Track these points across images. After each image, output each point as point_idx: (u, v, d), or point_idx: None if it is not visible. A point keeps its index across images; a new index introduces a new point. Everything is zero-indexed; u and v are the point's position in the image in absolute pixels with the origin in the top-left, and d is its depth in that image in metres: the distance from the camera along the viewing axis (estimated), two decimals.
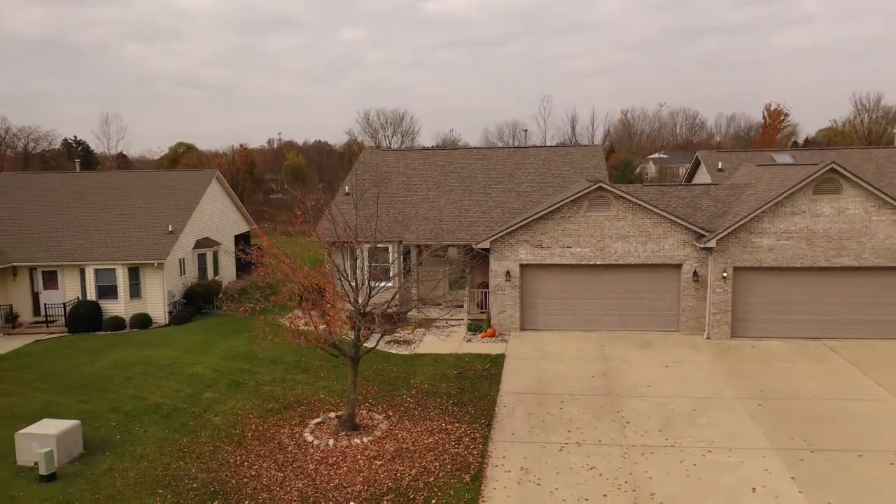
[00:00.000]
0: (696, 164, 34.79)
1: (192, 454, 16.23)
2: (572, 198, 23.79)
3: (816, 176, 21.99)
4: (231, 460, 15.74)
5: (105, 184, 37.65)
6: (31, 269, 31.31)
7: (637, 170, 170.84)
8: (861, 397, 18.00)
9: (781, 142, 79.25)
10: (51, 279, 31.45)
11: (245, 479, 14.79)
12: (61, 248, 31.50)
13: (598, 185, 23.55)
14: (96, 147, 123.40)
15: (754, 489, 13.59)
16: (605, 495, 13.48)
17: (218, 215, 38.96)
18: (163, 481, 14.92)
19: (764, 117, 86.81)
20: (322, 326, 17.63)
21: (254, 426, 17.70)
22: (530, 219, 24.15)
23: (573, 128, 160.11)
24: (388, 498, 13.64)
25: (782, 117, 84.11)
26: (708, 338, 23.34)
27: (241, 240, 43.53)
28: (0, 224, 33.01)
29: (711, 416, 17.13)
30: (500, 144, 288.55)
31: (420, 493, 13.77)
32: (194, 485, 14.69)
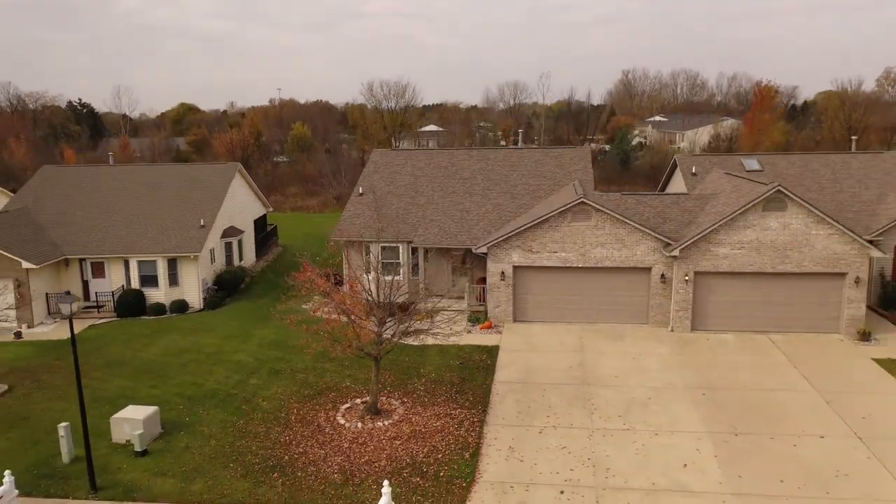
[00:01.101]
0: (674, 167, 38.49)
1: (249, 434, 20.60)
2: (559, 210, 27.72)
3: (765, 196, 25.90)
4: (281, 440, 20.12)
5: (139, 177, 41.45)
6: (81, 260, 35.39)
7: (635, 135, 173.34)
8: (785, 388, 22.31)
9: (771, 119, 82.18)
10: (98, 269, 35.57)
11: (295, 456, 19.16)
12: (107, 241, 35.51)
13: (580, 201, 27.44)
14: (100, 108, 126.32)
15: (685, 465, 17.95)
16: (571, 469, 17.85)
17: (240, 205, 42.77)
18: (231, 456, 19.31)
19: (755, 94, 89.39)
20: (342, 317, 21.57)
21: (295, 410, 22.05)
22: (522, 228, 28.14)
23: (569, 105, 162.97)
24: (406, 471, 18.00)
25: (773, 94, 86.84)
26: (672, 330, 27.59)
27: (259, 222, 47.41)
28: (51, 218, 36.96)
29: (663, 404, 21.47)
30: (500, 105, 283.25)
31: (431, 467, 18.14)
32: (256, 460, 19.08)
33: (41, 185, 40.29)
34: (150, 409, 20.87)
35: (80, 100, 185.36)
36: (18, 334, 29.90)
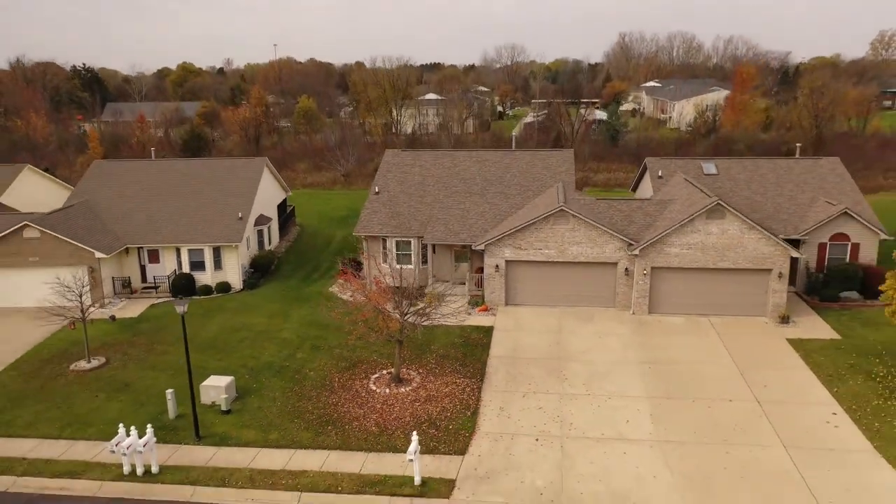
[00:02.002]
0: (644, 170, 44.69)
1: (304, 398, 27.50)
2: (542, 216, 34.22)
3: (708, 207, 32.43)
4: (330, 402, 27.02)
5: (178, 172, 47.61)
6: (139, 249, 41.89)
7: (630, 100, 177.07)
8: (712, 362, 29.23)
9: (752, 99, 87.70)
10: (154, 256, 42.11)
11: (341, 413, 26.08)
12: (160, 232, 41.93)
13: (560, 209, 33.92)
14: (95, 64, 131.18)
15: (627, 421, 24.91)
16: (544, 424, 24.81)
17: (268, 195, 49.02)
18: (294, 414, 26.22)
19: (737, 74, 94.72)
20: (353, 294, 28.31)
21: (337, 379, 28.93)
22: (513, 230, 34.68)
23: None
24: (425, 425, 24.88)
25: (753, 80, 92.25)
26: (633, 313, 34.41)
27: (280, 205, 53.55)
28: (108, 210, 43.26)
29: (617, 375, 28.38)
30: (497, 65, 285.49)
31: (443, 422, 25.06)
32: (313, 416, 25.98)
33: (95, 180, 46.50)
34: (228, 378, 27.72)
35: (84, 64, 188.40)
36: (113, 318, 36.56)
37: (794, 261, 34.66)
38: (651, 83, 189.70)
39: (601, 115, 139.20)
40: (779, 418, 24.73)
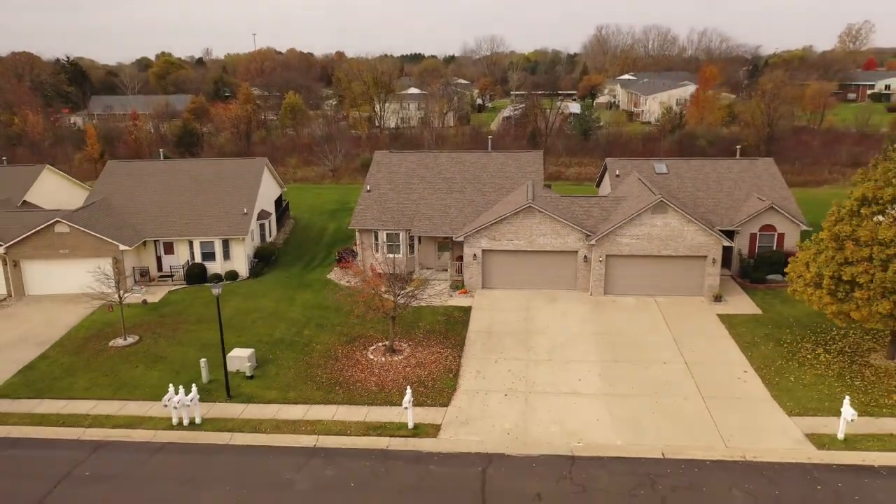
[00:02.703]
0: (605, 170, 50.60)
1: (314, 365, 33.15)
2: (513, 211, 40.03)
3: (652, 204, 38.44)
4: (336, 368, 32.70)
5: (185, 171, 52.70)
6: (155, 241, 47.10)
7: (605, 93, 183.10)
8: (653, 333, 35.31)
9: (714, 97, 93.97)
10: (169, 247, 47.34)
11: (346, 377, 31.78)
12: (174, 226, 47.16)
13: (528, 206, 39.75)
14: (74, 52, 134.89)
15: (580, 380, 30.89)
16: (513, 383, 30.71)
17: (267, 192, 54.26)
18: (307, 378, 31.88)
19: (701, 73, 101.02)
20: (355, 281, 33.96)
21: (340, 350, 34.61)
22: (488, 224, 40.48)
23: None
24: (415, 384, 30.61)
25: (716, 79, 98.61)
26: (591, 294, 40.40)
27: (277, 200, 58.69)
28: (125, 207, 48.35)
29: (575, 344, 34.36)
30: (476, 56, 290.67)
31: (430, 382, 30.85)
32: (323, 380, 31.67)
33: (110, 179, 51.53)
34: (249, 350, 33.29)
35: (67, 58, 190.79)
36: (145, 301, 41.87)
37: (727, 248, 40.89)
38: (627, 76, 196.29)
39: (576, 108, 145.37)
40: (701, 376, 30.85)
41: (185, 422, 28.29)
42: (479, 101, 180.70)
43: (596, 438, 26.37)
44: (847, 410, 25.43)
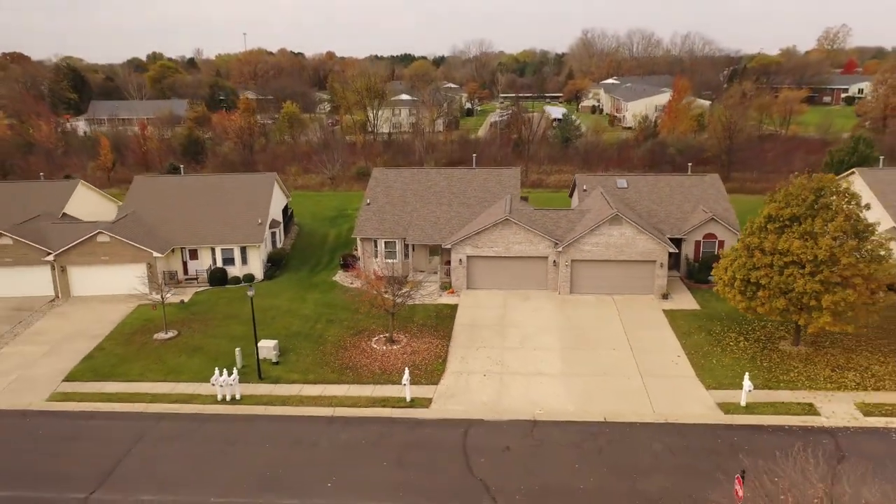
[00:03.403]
0: (575, 184, 58.18)
1: (327, 353, 40.61)
2: (493, 223, 47.58)
3: (609, 217, 46.09)
4: (345, 355, 40.18)
5: (204, 184, 60.06)
6: (182, 248, 54.30)
7: (590, 97, 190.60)
8: (607, 325, 42.97)
9: (686, 108, 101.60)
10: (193, 253, 54.58)
11: (354, 362, 39.27)
12: (199, 235, 54.40)
13: (505, 219, 47.30)
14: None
15: (544, 363, 38.52)
16: (490, 367, 38.29)
17: (276, 203, 61.51)
18: (322, 363, 39.36)
19: (674, 85, 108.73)
20: (361, 283, 41.47)
21: (348, 341, 42.09)
22: (472, 233, 48.02)
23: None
24: (411, 368, 38.01)
25: (688, 91, 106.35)
26: (559, 293, 48.01)
27: (284, 209, 65.89)
28: (153, 218, 55.50)
29: (542, 335, 41.97)
30: (464, 57, 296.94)
31: (423, 366, 38.36)
32: (335, 365, 39.15)
33: (138, 193, 58.69)
34: (274, 341, 40.66)
35: (66, 64, 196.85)
36: (183, 301, 49.15)
37: (675, 254, 48.61)
38: (611, 80, 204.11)
39: (559, 112, 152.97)
40: (642, 359, 38.52)
41: (228, 398, 35.70)
42: (467, 104, 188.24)
43: (553, 407, 33.98)
44: (746, 384, 33.20)
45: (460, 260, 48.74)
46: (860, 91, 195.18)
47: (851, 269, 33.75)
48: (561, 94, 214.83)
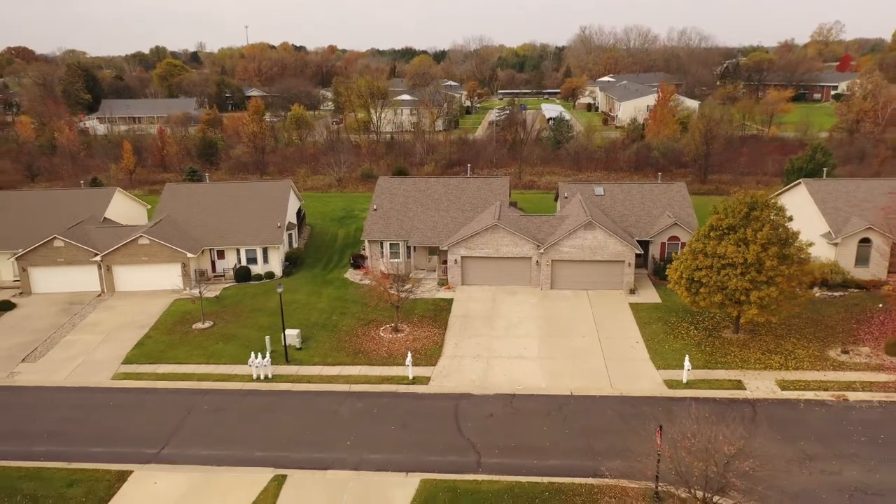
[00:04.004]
0: (558, 192, 65.82)
1: (342, 340, 48.54)
2: (484, 228, 55.35)
3: (584, 223, 53.86)
4: (357, 342, 48.11)
5: (228, 191, 67.84)
6: (211, 249, 62.13)
7: (587, 95, 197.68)
8: (580, 316, 50.83)
9: (670, 112, 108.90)
10: (220, 254, 62.44)
11: (365, 348, 47.20)
12: (225, 237, 62.22)
13: (494, 224, 55.07)
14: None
15: (525, 348, 46.39)
16: (479, 352, 46.19)
17: (292, 207, 69.27)
18: (338, 349, 47.30)
19: (659, 91, 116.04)
20: (369, 280, 49.49)
21: (359, 330, 50.01)
22: (466, 237, 55.81)
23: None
24: (413, 352, 45.93)
25: (672, 95, 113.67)
26: (541, 289, 55.84)
27: (298, 210, 73.65)
28: (186, 222, 63.27)
29: (524, 325, 49.86)
30: (464, 51, 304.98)
31: (423, 351, 46.26)
32: (349, 350, 47.09)
33: (170, 199, 66.47)
34: (297, 330, 48.53)
35: (78, 63, 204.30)
36: (217, 296, 57.03)
37: (643, 255, 56.36)
38: (607, 77, 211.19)
39: (555, 112, 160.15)
40: (606, 345, 46.39)
41: (262, 377, 43.64)
42: (467, 103, 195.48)
43: (530, 384, 41.87)
44: (686, 364, 41.11)
45: (455, 260, 56.56)
46: (848, 88, 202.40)
47: (774, 270, 41.51)
48: (559, 91, 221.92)
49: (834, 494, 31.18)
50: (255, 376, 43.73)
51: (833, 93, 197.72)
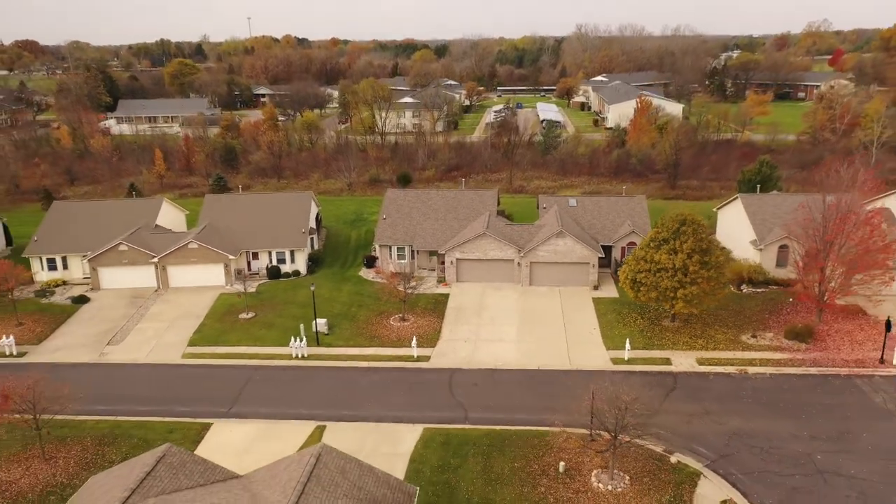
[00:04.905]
0: (538, 202, 78.75)
1: (360, 327, 61.84)
2: (475, 236, 68.47)
3: (556, 232, 67.00)
4: (373, 329, 61.43)
5: (258, 200, 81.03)
6: (247, 251, 75.30)
7: (580, 94, 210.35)
8: (551, 308, 64.05)
9: (648, 123, 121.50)
10: (255, 255, 75.67)
11: (379, 333, 60.50)
12: (259, 240, 75.37)
13: (482, 233, 68.15)
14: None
15: (505, 333, 59.72)
16: (469, 335, 59.51)
17: (312, 213, 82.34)
18: (357, 334, 60.61)
19: (638, 102, 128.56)
20: (381, 278, 62.97)
21: (374, 319, 63.33)
22: (460, 243, 68.96)
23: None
24: (417, 337, 59.18)
25: (653, 108, 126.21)
26: (521, 286, 69.04)
27: (317, 215, 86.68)
28: (224, 228, 76.41)
29: (505, 316, 63.11)
30: (465, 43, 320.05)
31: (425, 336, 59.47)
32: (367, 335, 60.40)
33: (210, 209, 79.57)
34: (324, 320, 61.81)
35: (96, 66, 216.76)
36: (256, 292, 70.28)
37: (606, 258, 69.45)
38: (600, 77, 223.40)
39: (550, 113, 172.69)
40: (570, 331, 59.64)
41: (299, 356, 56.93)
42: (466, 101, 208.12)
43: (507, 361, 55.13)
44: (627, 346, 54.35)
45: (451, 261, 69.72)
46: (831, 87, 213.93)
47: (696, 273, 54.61)
48: (554, 88, 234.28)
49: (718, 437, 44.48)
50: (293, 355, 57.04)
51: (816, 91, 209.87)
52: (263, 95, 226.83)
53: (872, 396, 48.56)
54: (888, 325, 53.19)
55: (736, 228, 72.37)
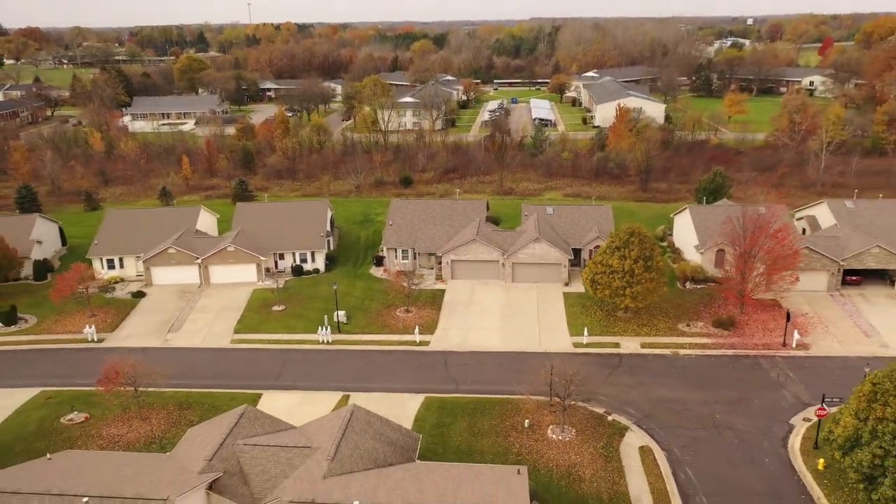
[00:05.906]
0: (521, 210, 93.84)
1: (373, 318, 77.44)
2: (466, 241, 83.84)
3: (533, 238, 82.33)
4: (383, 319, 77.02)
5: (281, 208, 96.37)
6: (274, 252, 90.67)
7: (572, 90, 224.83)
8: (528, 302, 79.59)
9: (626, 129, 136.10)
10: (281, 256, 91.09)
11: (388, 323, 76.09)
12: (284, 243, 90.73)
13: (473, 239, 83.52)
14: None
15: (490, 322, 75.38)
16: (461, 325, 75.16)
17: (328, 218, 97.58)
18: (370, 324, 76.20)
19: (617, 110, 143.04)
20: (388, 277, 78.73)
21: (384, 311, 78.91)
22: (454, 247, 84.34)
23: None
24: (419, 328, 74.72)
25: (632, 113, 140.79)
26: (506, 283, 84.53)
27: (331, 219, 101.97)
28: (254, 233, 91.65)
29: (492, 307, 78.70)
30: (463, 31, 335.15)
31: (425, 325, 75.03)
32: (378, 324, 76.00)
33: (241, 215, 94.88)
34: (344, 311, 77.37)
35: (114, 67, 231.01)
36: (284, 287, 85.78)
37: (577, 259, 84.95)
38: (591, 72, 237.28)
39: (543, 111, 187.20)
40: (542, 321, 75.23)
41: (325, 341, 72.55)
42: (463, 97, 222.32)
43: (491, 345, 70.76)
44: (585, 332, 70.09)
45: (447, 262, 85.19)
46: (811, 83, 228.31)
47: (641, 275, 70.05)
48: (549, 81, 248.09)
49: (646, 402, 60.21)
50: (321, 340, 72.66)
51: (797, 87, 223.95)
52: (269, 90, 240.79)
53: (770, 372, 64.29)
54: (788, 315, 68.82)
55: (686, 233, 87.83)
